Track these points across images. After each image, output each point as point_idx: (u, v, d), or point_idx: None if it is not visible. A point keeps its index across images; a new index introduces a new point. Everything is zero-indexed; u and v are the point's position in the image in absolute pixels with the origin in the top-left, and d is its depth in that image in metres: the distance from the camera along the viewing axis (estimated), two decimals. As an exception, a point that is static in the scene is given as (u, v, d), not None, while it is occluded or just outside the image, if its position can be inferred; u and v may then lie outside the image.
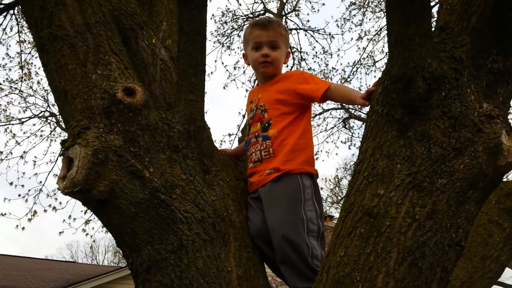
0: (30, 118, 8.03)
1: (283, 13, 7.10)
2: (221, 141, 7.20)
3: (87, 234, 7.63)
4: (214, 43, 7.53)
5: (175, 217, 1.29)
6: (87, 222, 7.59)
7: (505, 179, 3.02)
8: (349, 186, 1.55)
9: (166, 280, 1.24)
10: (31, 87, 8.05)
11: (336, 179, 9.02)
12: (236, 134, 6.56)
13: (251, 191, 1.90)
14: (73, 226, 7.74)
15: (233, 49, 7.60)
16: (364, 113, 7.23)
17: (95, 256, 32.51)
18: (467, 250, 2.45)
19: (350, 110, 7.36)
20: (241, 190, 1.94)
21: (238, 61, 8.26)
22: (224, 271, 1.37)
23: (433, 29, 1.57)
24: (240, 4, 9.26)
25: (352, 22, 7.41)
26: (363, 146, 1.53)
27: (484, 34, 1.43)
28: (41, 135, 8.33)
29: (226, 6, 14.09)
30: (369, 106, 1.59)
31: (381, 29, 6.92)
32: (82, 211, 7.52)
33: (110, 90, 1.31)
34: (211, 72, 7.67)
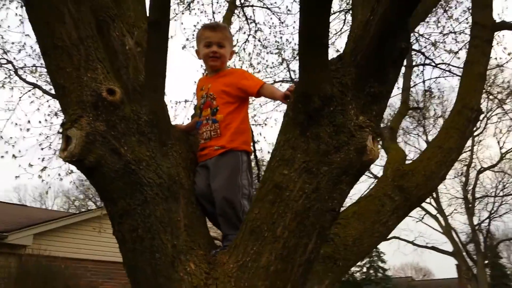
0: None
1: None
2: (177, 102, 7.64)
3: (43, 181, 8.01)
4: (173, 4, 7.82)
5: (142, 182, 1.87)
6: (43, 169, 7.95)
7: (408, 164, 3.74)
8: (267, 166, 2.18)
9: (134, 223, 1.84)
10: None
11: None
12: (192, 101, 7.07)
13: (200, 161, 2.50)
14: (29, 172, 8.09)
15: (193, 9, 7.95)
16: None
17: (43, 200, 32.35)
18: (361, 216, 3.16)
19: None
20: (190, 160, 2.53)
21: (198, 22, 8.66)
22: (174, 220, 1.99)
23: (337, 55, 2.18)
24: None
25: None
26: (278, 138, 2.14)
27: (366, 67, 2.05)
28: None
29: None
30: (286, 106, 2.20)
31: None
32: (39, 158, 7.85)
33: (97, 89, 1.85)
34: (171, 36, 8.00)
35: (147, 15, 2.04)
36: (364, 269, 27.62)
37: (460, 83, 4.03)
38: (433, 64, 6.83)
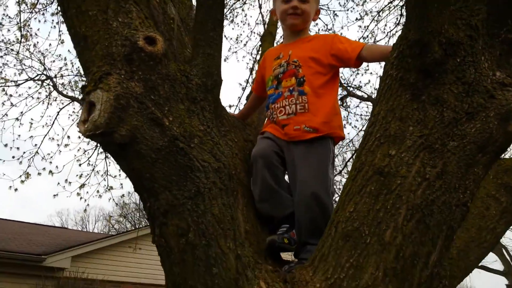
0: (26, 80, 7.92)
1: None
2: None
3: (81, 198, 7.64)
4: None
5: (193, 165, 1.31)
6: (82, 186, 7.60)
7: (504, 156, 3.08)
8: (360, 147, 1.59)
9: (183, 224, 1.27)
10: (27, 49, 7.95)
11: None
12: (237, 106, 6.57)
13: (279, 136, 1.94)
14: (68, 190, 7.76)
15: (237, 23, 7.49)
16: (362, 92, 7.28)
17: (85, 224, 32.63)
18: (464, 221, 2.52)
19: (348, 88, 7.37)
20: (249, 151, 1.97)
21: (241, 34, 8.24)
22: (237, 220, 1.41)
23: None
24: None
25: (353, 1, 7.34)
26: (376, 109, 1.55)
27: (501, 4, 1.45)
28: (38, 98, 8.33)
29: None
30: (384, 66, 1.62)
31: (382, 9, 6.89)
32: (77, 175, 7.51)
33: (131, 37, 1.32)
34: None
35: None
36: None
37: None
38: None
